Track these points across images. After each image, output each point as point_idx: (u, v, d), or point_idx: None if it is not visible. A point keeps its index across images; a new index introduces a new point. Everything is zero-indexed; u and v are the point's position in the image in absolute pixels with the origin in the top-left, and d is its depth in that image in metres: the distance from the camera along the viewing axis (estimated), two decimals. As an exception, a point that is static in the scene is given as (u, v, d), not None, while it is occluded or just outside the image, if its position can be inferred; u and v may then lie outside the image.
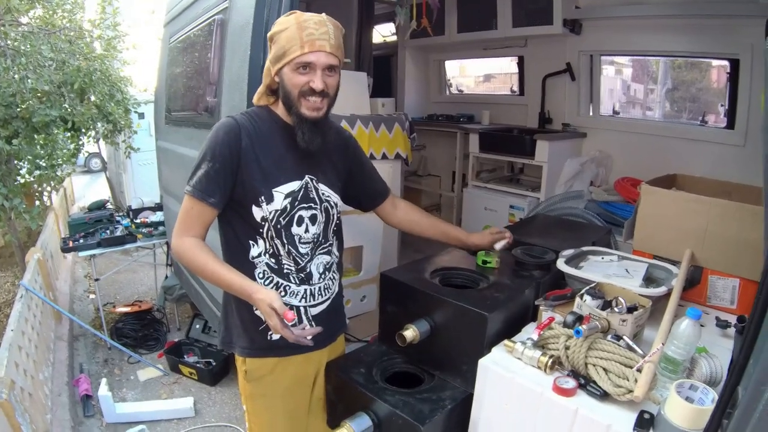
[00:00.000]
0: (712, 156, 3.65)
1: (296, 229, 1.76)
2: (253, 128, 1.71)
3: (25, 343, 3.18)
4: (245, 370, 1.88)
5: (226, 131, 1.68)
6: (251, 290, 1.63)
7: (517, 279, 2.08)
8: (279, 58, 1.65)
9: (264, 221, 1.72)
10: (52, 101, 5.08)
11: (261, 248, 1.76)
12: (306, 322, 1.84)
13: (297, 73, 1.64)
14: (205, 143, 1.70)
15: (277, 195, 1.71)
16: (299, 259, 1.79)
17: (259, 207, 1.70)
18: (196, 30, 3.17)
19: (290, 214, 1.74)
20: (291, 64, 1.63)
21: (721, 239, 2.09)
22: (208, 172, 1.65)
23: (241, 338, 1.87)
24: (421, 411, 1.71)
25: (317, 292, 1.86)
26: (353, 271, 3.36)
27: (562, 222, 3.26)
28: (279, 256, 1.77)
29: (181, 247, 1.69)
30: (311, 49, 1.61)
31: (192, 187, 1.67)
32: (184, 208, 1.71)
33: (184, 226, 1.71)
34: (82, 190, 10.88)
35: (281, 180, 1.72)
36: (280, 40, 1.63)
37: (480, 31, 4.98)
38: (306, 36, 1.60)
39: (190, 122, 3.20)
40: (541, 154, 4.21)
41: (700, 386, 1.34)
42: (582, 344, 1.54)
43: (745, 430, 1.03)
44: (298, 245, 1.78)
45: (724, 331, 1.90)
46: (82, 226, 4.72)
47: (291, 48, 1.61)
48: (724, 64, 3.73)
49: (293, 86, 1.65)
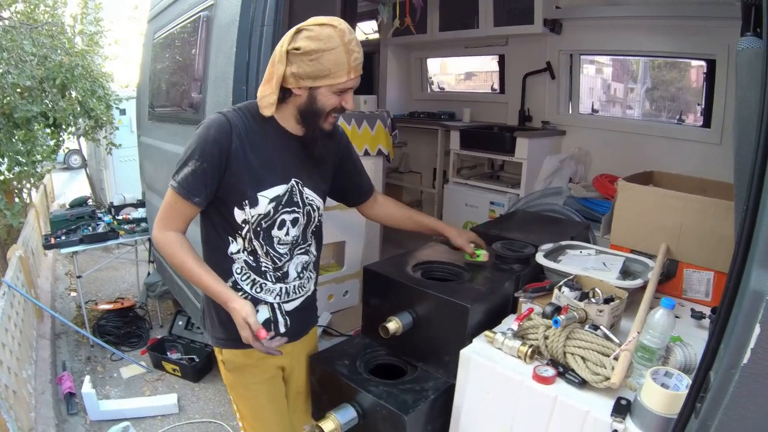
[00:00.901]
0: (689, 154, 3.71)
1: (276, 232, 1.75)
2: (244, 128, 1.66)
3: (9, 341, 3.16)
4: (222, 361, 1.91)
5: (217, 129, 1.62)
6: (226, 298, 1.64)
7: (497, 272, 2.13)
8: (317, 78, 1.58)
9: (245, 223, 1.71)
10: (33, 97, 5.03)
11: (239, 246, 1.75)
12: (274, 332, 1.84)
13: (335, 95, 1.62)
14: (194, 139, 1.64)
15: (262, 199, 1.69)
16: (277, 259, 1.79)
17: (241, 210, 1.68)
18: (181, 26, 3.16)
19: (273, 218, 1.73)
20: (332, 88, 1.60)
21: (697, 234, 2.15)
22: (195, 171, 1.61)
23: (216, 329, 1.87)
24: (405, 401, 1.74)
25: (292, 291, 1.87)
26: (336, 266, 3.38)
27: (542, 218, 3.31)
28: (256, 254, 1.76)
29: (162, 240, 1.68)
30: (356, 74, 1.61)
31: (177, 183, 1.63)
32: (167, 202, 1.69)
33: (166, 220, 1.69)
34: (62, 188, 10.75)
35: (268, 183, 1.70)
36: (324, 60, 1.55)
37: (462, 29, 5.02)
38: (353, 61, 1.58)
39: (175, 118, 3.19)
40: (521, 152, 4.25)
41: (674, 373, 1.39)
42: (560, 334, 1.59)
43: (717, 412, 1.08)
44: (276, 246, 1.77)
45: (699, 322, 1.96)
46: (64, 223, 4.68)
47: (337, 72, 1.57)
48: (702, 64, 3.80)
49: (327, 106, 1.64)
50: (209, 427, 3.39)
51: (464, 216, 4.65)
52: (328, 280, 3.30)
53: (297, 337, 1.96)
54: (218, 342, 1.89)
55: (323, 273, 3.36)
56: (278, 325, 1.87)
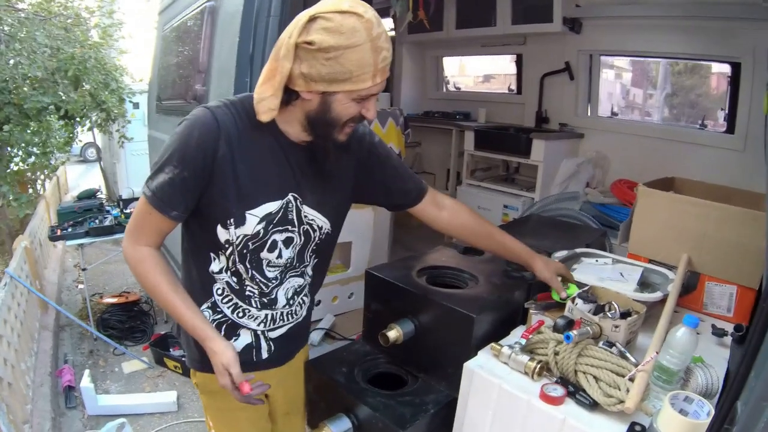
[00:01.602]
0: (710, 160, 3.61)
1: (266, 254, 1.48)
2: (235, 130, 1.36)
3: (7, 332, 3.13)
4: (196, 383, 1.71)
5: (201, 131, 1.33)
6: (205, 336, 1.42)
7: (507, 280, 2.02)
8: (335, 82, 1.26)
9: (228, 244, 1.44)
10: (45, 88, 5.04)
11: (222, 264, 1.49)
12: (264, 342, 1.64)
13: (354, 102, 1.32)
14: (175, 139, 1.35)
15: (251, 218, 1.41)
16: (264, 285, 1.53)
17: (225, 229, 1.41)
18: (188, 17, 3.13)
19: (262, 240, 1.46)
20: (352, 94, 1.30)
21: (720, 244, 2.04)
22: (173, 179, 1.33)
23: (192, 349, 1.62)
24: (403, 415, 1.65)
25: (279, 318, 1.62)
26: (341, 268, 3.32)
27: (557, 223, 3.21)
28: (241, 277, 1.51)
29: (134, 258, 1.42)
30: (382, 78, 1.30)
31: (152, 192, 1.35)
32: (140, 211, 1.41)
33: (139, 233, 1.43)
34: (77, 180, 10.83)
35: (259, 200, 1.42)
36: (345, 59, 1.23)
37: (479, 27, 4.93)
38: (381, 61, 1.27)
39: (179, 111, 3.15)
40: (537, 154, 4.17)
41: (695, 398, 1.27)
42: (572, 350, 1.48)
43: (743, 447, 0.97)
44: (265, 269, 1.51)
45: (721, 339, 1.85)
46: (71, 215, 4.68)
47: (361, 76, 1.25)
48: (725, 70, 3.69)
49: (346, 114, 1.34)
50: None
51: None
52: (333, 281, 3.24)
53: (281, 362, 1.74)
54: (193, 363, 1.66)
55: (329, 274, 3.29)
56: (260, 351, 1.64)
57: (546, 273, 1.82)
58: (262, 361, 1.65)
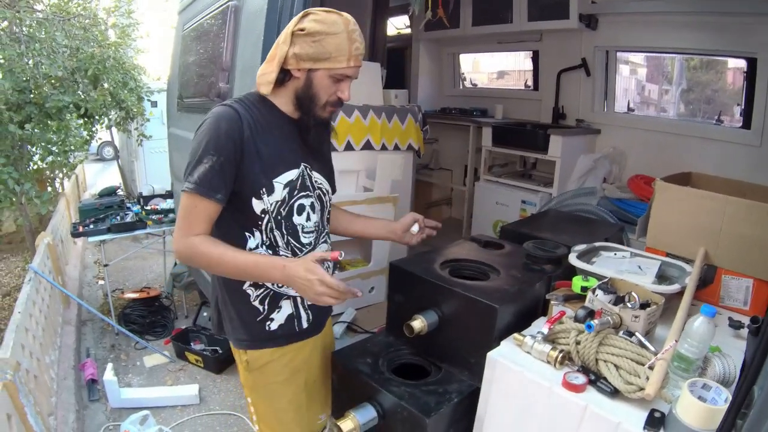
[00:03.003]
0: (727, 155, 3.61)
1: (298, 219, 1.70)
2: (251, 117, 1.61)
3: (32, 326, 3.18)
4: (246, 361, 1.83)
5: (227, 121, 1.56)
6: (284, 263, 1.53)
7: (528, 272, 2.06)
8: (317, 60, 1.57)
9: (264, 213, 1.64)
10: (65, 87, 5.11)
11: (258, 240, 1.68)
12: (303, 311, 1.82)
13: (332, 81, 1.61)
14: (204, 135, 1.56)
15: (277, 185, 1.64)
16: (298, 250, 1.72)
17: (259, 199, 1.62)
18: (209, 16, 3.16)
19: (289, 204, 1.67)
20: (331, 72, 1.59)
21: (736, 238, 2.06)
22: (212, 167, 1.53)
23: (238, 330, 1.79)
24: (427, 403, 1.69)
25: None
26: (362, 262, 3.35)
27: (574, 218, 3.23)
28: (276, 247, 1.69)
29: (189, 249, 1.57)
30: (356, 64, 1.61)
31: (194, 183, 1.53)
32: (185, 207, 1.57)
33: (188, 227, 1.57)
34: (94, 178, 10.94)
35: (281, 169, 1.65)
36: (326, 44, 1.55)
37: (495, 24, 4.94)
38: (354, 50, 1.58)
39: (202, 108, 3.17)
40: (554, 150, 4.17)
41: (713, 385, 1.31)
42: (593, 339, 1.52)
43: (760, 430, 1.01)
44: (301, 236, 1.72)
45: (737, 331, 1.86)
46: (93, 212, 4.72)
47: (338, 57, 1.57)
48: (740, 65, 3.68)
49: (324, 92, 1.62)
50: (229, 419, 3.38)
51: (495, 214, 4.59)
52: (353, 275, 3.27)
53: (317, 330, 1.93)
54: (241, 344, 1.81)
55: (350, 268, 3.33)
56: (301, 321, 1.83)
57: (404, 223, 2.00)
58: (303, 330, 1.84)
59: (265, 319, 1.76)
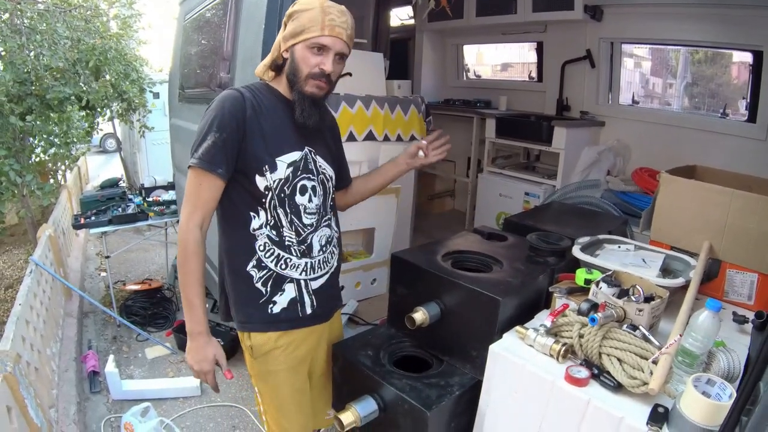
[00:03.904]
0: (732, 149, 3.58)
1: (300, 199, 1.77)
2: (255, 100, 1.71)
3: (33, 318, 3.18)
4: (250, 346, 1.85)
5: (231, 102, 1.67)
6: (205, 330, 1.72)
7: (531, 265, 2.04)
8: (296, 35, 1.67)
9: (267, 190, 1.71)
10: (66, 79, 5.07)
11: (262, 219, 1.75)
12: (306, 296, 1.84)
13: (311, 52, 1.67)
14: (209, 114, 1.68)
15: (280, 164, 1.72)
16: (301, 229, 1.78)
17: (262, 176, 1.70)
18: (210, 7, 3.14)
19: (293, 183, 1.74)
20: (307, 42, 1.66)
21: (741, 232, 2.05)
22: (215, 143, 1.63)
23: (240, 312, 1.84)
24: (428, 396, 1.68)
25: (317, 265, 1.85)
26: (364, 254, 3.34)
27: (578, 210, 3.21)
28: (281, 227, 1.76)
29: (186, 237, 1.65)
30: (330, 33, 1.65)
31: (198, 159, 1.63)
32: (192, 184, 1.67)
33: (192, 205, 1.66)
34: (97, 170, 10.91)
35: (284, 149, 1.74)
36: (301, 18, 1.65)
37: (499, 15, 4.90)
38: (328, 20, 1.64)
39: (204, 99, 3.17)
40: (558, 141, 4.15)
41: (717, 381, 1.29)
42: (596, 333, 1.50)
43: (765, 426, 0.99)
44: (303, 215, 1.78)
45: (741, 326, 1.86)
46: (94, 204, 4.72)
47: (311, 27, 1.64)
48: (746, 59, 3.65)
49: (304, 65, 1.68)
50: (230, 410, 3.37)
51: (498, 206, 4.57)
52: (356, 267, 3.26)
53: (323, 319, 1.93)
54: (244, 327, 1.84)
55: (352, 260, 3.32)
56: (305, 306, 1.84)
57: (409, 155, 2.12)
58: (307, 316, 1.86)
59: (267, 301, 1.79)
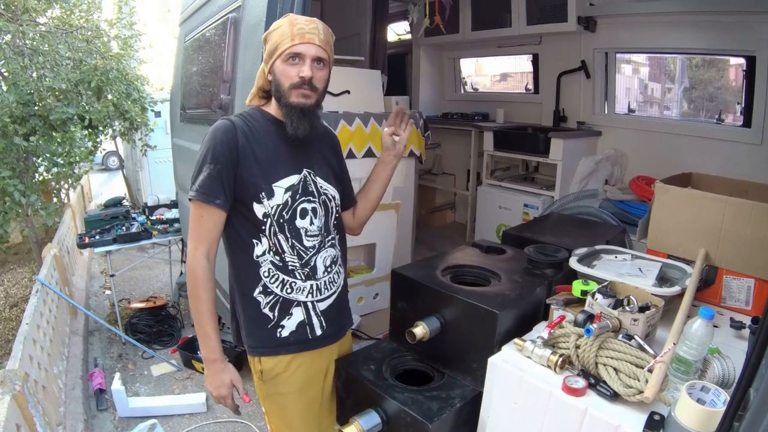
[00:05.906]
0: (728, 155, 3.61)
1: (300, 222, 1.77)
2: (247, 127, 1.73)
3: (40, 337, 3.21)
4: (260, 370, 1.87)
5: (223, 132, 1.69)
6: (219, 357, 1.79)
7: (528, 277, 2.07)
8: (271, 54, 1.70)
9: (266, 217, 1.72)
10: (69, 99, 5.14)
11: (264, 246, 1.76)
12: (315, 318, 1.85)
13: (288, 64, 1.68)
14: (203, 147, 1.71)
15: (278, 190, 1.72)
16: (303, 252, 1.78)
17: (260, 203, 1.71)
18: (210, 28, 3.19)
19: (292, 208, 1.75)
20: (282, 56, 1.67)
21: (737, 239, 2.07)
22: (210, 174, 1.66)
23: (249, 337, 1.85)
24: (430, 409, 1.70)
25: (323, 287, 1.85)
26: (366, 269, 3.36)
27: (577, 221, 3.24)
28: (282, 253, 1.76)
29: (196, 270, 1.69)
30: (301, 41, 1.66)
31: (195, 191, 1.67)
32: (193, 217, 1.71)
33: (197, 236, 1.70)
34: (100, 188, 10.97)
35: (280, 174, 1.74)
36: (273, 37, 1.70)
37: (494, 28, 4.96)
38: (297, 30, 1.66)
39: (204, 119, 3.21)
40: (555, 153, 4.18)
41: (711, 388, 1.32)
42: (592, 343, 1.53)
43: (756, 432, 1.02)
44: (304, 239, 1.78)
45: (739, 332, 1.87)
46: (98, 223, 4.76)
47: (282, 42, 1.66)
48: (741, 62, 3.69)
49: (285, 78, 1.69)
50: (236, 426, 3.39)
51: (497, 218, 4.60)
52: (358, 282, 3.28)
53: (333, 339, 1.95)
54: (254, 351, 1.86)
55: (354, 275, 3.35)
56: (314, 328, 1.85)
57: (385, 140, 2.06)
58: (317, 337, 1.87)
59: (276, 326, 1.80)
